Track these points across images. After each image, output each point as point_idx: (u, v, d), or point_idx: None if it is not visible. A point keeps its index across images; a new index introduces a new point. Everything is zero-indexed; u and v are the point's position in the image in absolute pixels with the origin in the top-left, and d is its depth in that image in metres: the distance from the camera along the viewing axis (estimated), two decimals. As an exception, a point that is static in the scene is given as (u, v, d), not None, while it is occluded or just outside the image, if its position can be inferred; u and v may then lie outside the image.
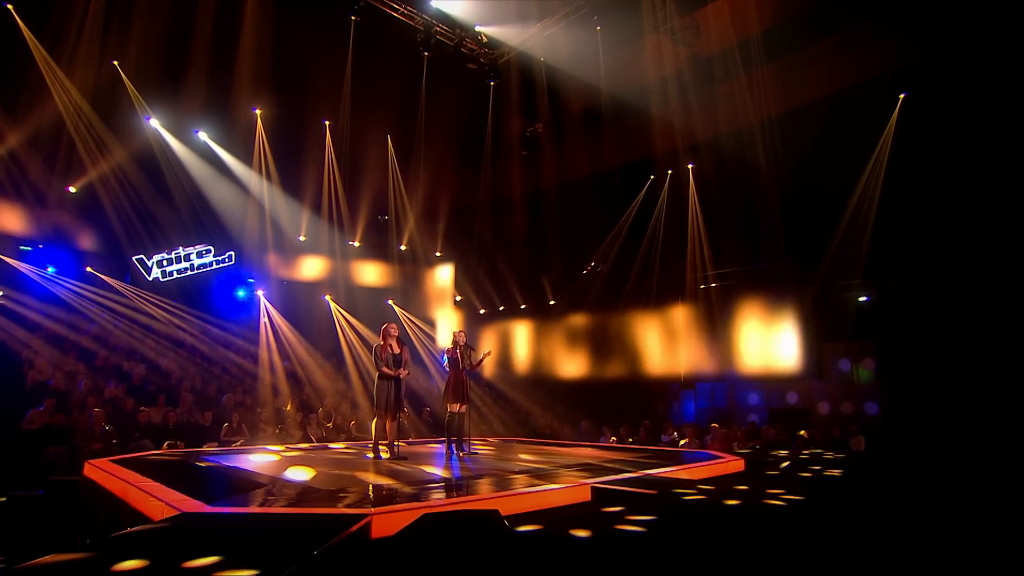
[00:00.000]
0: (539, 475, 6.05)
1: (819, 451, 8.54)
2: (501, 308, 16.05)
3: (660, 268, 13.55)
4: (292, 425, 10.47)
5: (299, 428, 10.47)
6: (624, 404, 13.37)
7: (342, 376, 13.51)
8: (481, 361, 8.31)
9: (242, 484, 5.77)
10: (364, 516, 4.06)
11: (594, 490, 5.41)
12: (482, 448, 8.57)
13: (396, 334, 7.73)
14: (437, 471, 6.58)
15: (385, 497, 4.93)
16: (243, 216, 13.83)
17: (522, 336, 15.73)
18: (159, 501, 4.59)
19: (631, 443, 10.96)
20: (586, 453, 8.31)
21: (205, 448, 8.89)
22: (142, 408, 9.67)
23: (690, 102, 12.62)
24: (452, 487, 5.60)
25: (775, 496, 4.80)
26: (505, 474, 6.17)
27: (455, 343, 8.15)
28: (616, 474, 6.03)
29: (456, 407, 7.98)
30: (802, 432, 9.57)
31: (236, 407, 10.53)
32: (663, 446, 10.44)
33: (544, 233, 15.08)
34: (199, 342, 12.68)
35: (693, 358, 12.83)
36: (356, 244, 15.61)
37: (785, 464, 6.80)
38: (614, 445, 10.44)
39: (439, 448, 8.77)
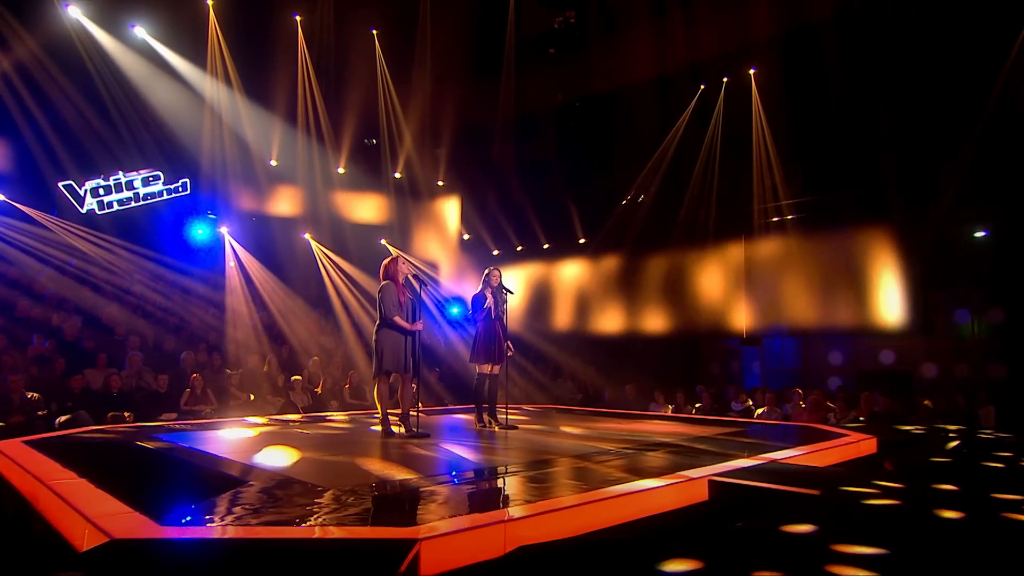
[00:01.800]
0: (613, 460, 4.95)
1: (959, 427, 7.40)
2: (519, 248, 14.94)
3: (718, 197, 12.38)
4: (271, 390, 9.50)
5: (280, 394, 9.50)
6: (671, 364, 12.55)
7: (331, 328, 12.52)
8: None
9: (207, 479, 4.53)
10: (410, 544, 2.79)
11: (714, 486, 4.23)
12: (517, 419, 7.45)
13: (408, 272, 6.38)
14: (473, 455, 5.41)
15: (416, 501, 3.68)
16: (198, 134, 12.35)
17: (545, 282, 14.68)
18: (80, 516, 3.29)
19: (694, 413, 9.91)
20: (653, 428, 7.27)
21: (161, 421, 7.82)
22: (78, 370, 8.47)
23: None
24: (501, 482, 4.37)
25: (1012, 506, 3.56)
26: (566, 459, 5.04)
27: (487, 284, 6.94)
28: (720, 460, 4.90)
29: (488, 368, 6.90)
30: (927, 402, 8.44)
31: (199, 368, 9.43)
32: (736, 416, 9.43)
33: (573, 156, 13.93)
34: (149, 289, 11.41)
35: (759, 308, 11.73)
36: (341, 171, 14.25)
37: (954, 444, 5.62)
38: (677, 415, 9.45)
39: (461, 419, 7.88)
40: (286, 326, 11.53)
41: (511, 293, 7.10)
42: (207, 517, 3.33)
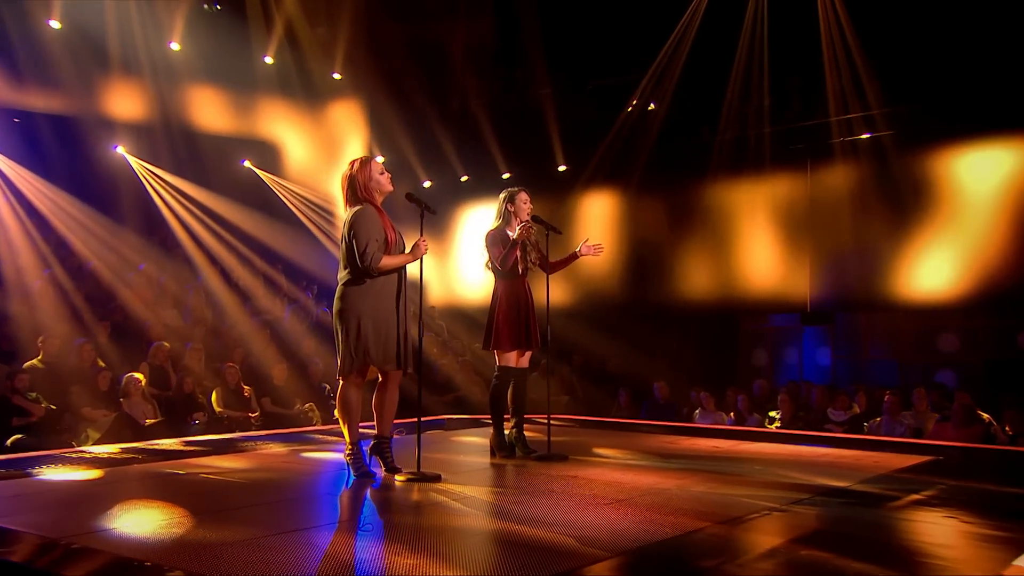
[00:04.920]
0: (826, 529, 4.01)
1: None
2: (464, 179, 14.41)
3: (772, 107, 11.80)
4: (90, 397, 8.49)
5: (107, 403, 8.50)
6: (700, 351, 12.30)
7: (180, 292, 11.68)
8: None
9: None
10: None
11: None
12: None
13: (389, 187, 5.11)
14: (553, 524, 3.84)
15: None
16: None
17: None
18: None
19: (776, 425, 9.20)
20: (761, 449, 6.60)
21: None
22: None
23: None
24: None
25: None
26: (725, 527, 3.86)
27: (509, 215, 5.88)
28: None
29: (514, 356, 5.84)
30: None
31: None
32: (840, 428, 8.75)
33: (551, 39, 13.25)
34: None
35: (831, 269, 11.35)
36: (176, 47, 13.00)
37: None
38: (760, 430, 8.83)
39: (466, 442, 7.38)
40: (117, 286, 10.55)
41: (557, 232, 6.07)
42: None
